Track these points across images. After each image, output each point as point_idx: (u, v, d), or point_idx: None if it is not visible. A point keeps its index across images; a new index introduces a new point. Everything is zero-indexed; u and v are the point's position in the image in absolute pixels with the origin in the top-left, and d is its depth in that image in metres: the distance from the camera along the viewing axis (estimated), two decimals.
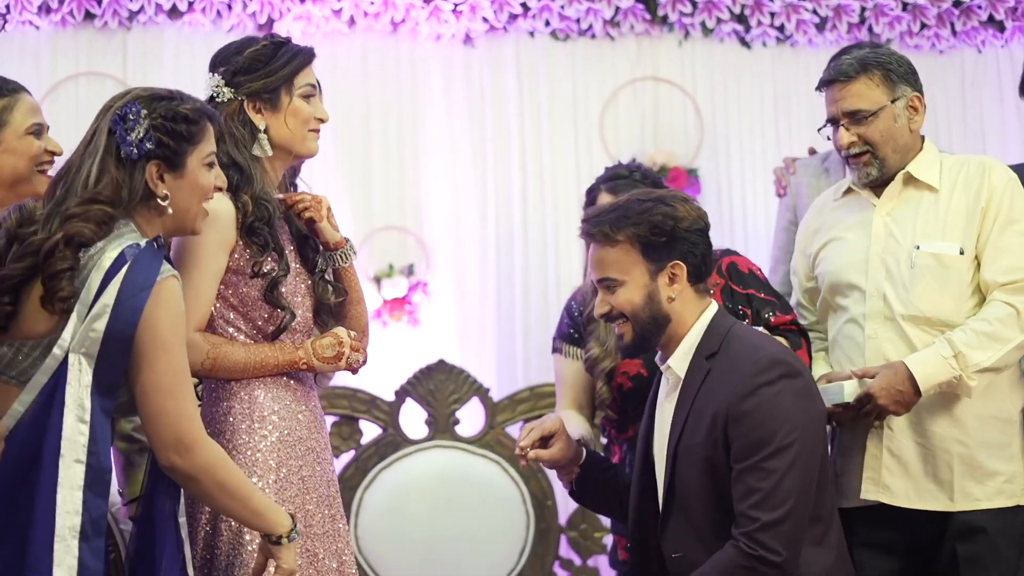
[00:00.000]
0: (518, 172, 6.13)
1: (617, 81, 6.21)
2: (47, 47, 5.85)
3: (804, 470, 3.17)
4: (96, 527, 2.68)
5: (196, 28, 5.90)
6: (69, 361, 2.70)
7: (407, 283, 5.96)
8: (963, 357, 3.48)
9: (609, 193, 3.98)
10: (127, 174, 2.80)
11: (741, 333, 3.33)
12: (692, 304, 3.33)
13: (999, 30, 6.22)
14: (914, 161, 3.67)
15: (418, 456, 5.59)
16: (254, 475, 3.09)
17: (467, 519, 5.53)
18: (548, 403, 5.68)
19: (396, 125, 6.09)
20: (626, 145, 6.18)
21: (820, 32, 6.18)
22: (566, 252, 6.11)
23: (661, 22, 6.17)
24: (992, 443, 3.57)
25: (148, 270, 2.74)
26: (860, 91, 3.63)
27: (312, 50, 3.30)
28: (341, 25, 5.97)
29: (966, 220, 3.59)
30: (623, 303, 3.31)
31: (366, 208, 6.02)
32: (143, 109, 2.82)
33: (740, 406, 3.18)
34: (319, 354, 3.22)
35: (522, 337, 6.06)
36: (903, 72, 3.66)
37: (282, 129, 3.23)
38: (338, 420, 5.59)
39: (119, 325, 2.70)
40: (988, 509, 3.54)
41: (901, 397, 3.50)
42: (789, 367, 3.24)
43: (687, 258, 3.29)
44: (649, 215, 3.28)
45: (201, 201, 2.92)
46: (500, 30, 6.11)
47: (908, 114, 3.65)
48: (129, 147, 2.80)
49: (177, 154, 2.84)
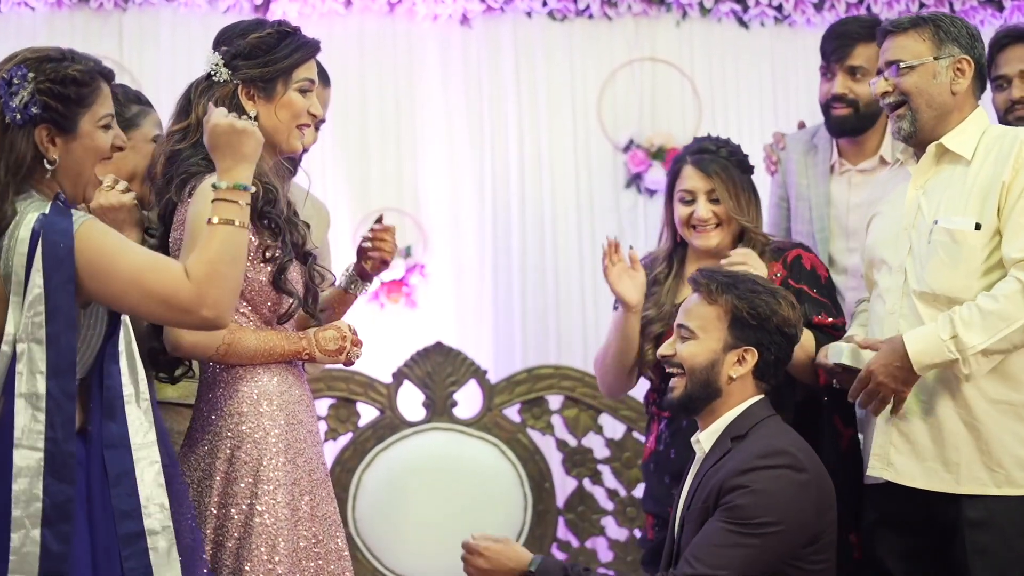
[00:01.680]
0: (515, 153, 6.11)
1: (615, 62, 6.18)
2: (42, 29, 5.81)
3: (759, 560, 3.24)
4: (61, 511, 2.67)
5: (192, 9, 5.86)
6: (17, 351, 2.68)
7: (404, 265, 5.94)
8: (959, 340, 3.44)
9: (695, 167, 4.02)
10: (12, 140, 2.75)
11: (771, 425, 3.43)
12: (745, 392, 3.45)
13: (998, 9, 6.20)
14: (953, 131, 3.65)
15: (416, 438, 5.59)
16: (264, 456, 3.11)
17: (465, 501, 5.53)
18: (546, 385, 5.68)
19: (393, 106, 6.06)
20: (624, 125, 6.16)
21: (818, 12, 6.15)
22: (563, 233, 6.09)
23: (659, 2, 6.14)
24: (1004, 429, 3.53)
25: (61, 235, 2.70)
26: (905, 43, 3.65)
27: (317, 44, 3.29)
28: (338, 6, 5.95)
29: (987, 193, 3.55)
30: (687, 355, 3.44)
31: (363, 190, 6.00)
32: (29, 72, 2.77)
33: (738, 479, 3.28)
34: (321, 346, 3.25)
35: (520, 319, 6.05)
36: (956, 33, 3.65)
37: (271, 119, 3.22)
38: (335, 402, 5.59)
39: (57, 302, 2.68)
40: (999, 497, 3.52)
41: (899, 374, 3.49)
42: (796, 460, 3.32)
43: (762, 350, 3.43)
44: (754, 296, 3.43)
45: (95, 163, 2.88)
46: (497, 10, 6.08)
47: (952, 75, 3.64)
48: (13, 112, 2.75)
49: (66, 117, 2.80)
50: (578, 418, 5.70)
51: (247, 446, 3.11)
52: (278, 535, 3.08)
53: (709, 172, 3.98)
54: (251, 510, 3.08)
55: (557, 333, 6.06)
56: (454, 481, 5.56)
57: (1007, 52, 4.25)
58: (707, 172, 3.98)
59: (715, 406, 3.43)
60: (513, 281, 6.07)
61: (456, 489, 5.55)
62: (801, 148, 4.61)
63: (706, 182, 3.98)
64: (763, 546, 3.23)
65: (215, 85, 3.21)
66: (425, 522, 5.50)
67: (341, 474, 5.49)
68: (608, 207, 6.13)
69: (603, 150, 6.17)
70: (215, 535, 3.10)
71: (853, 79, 4.36)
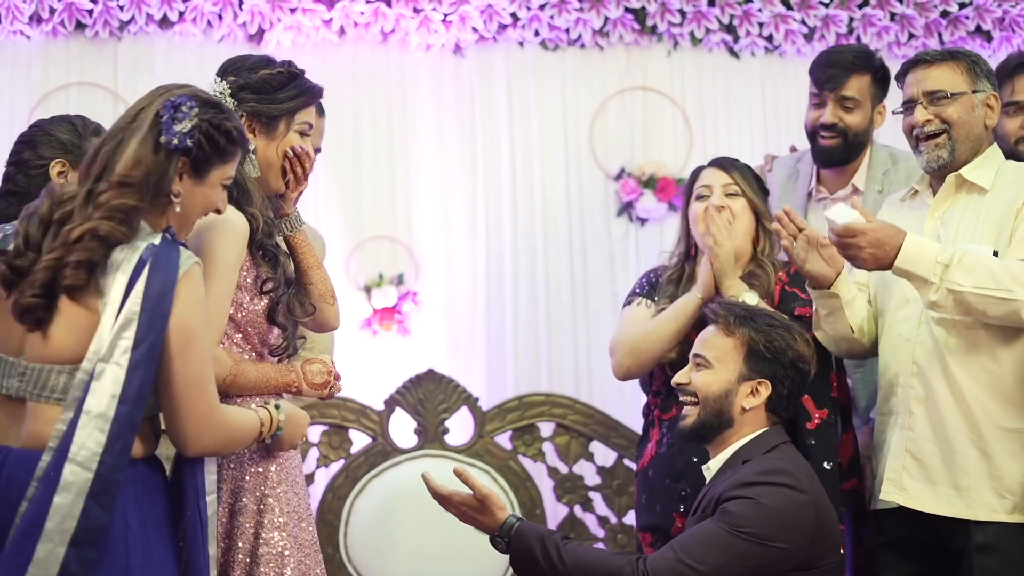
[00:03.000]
0: (508, 181, 6.14)
1: (606, 91, 6.22)
2: (38, 57, 5.85)
3: (739, 566, 3.26)
4: (91, 536, 2.66)
5: (187, 38, 5.90)
6: (96, 370, 2.69)
7: (397, 293, 5.97)
8: (948, 271, 3.47)
9: (714, 166, 4.14)
10: (160, 163, 2.79)
11: (783, 451, 3.46)
12: (757, 424, 3.48)
13: (987, 40, 6.25)
14: (972, 163, 3.70)
15: (407, 465, 5.59)
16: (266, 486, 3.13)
17: (456, 528, 5.44)
18: (537, 412, 5.69)
19: (386, 135, 6.10)
20: (615, 154, 6.20)
21: (808, 42, 6.19)
22: (555, 262, 6.12)
23: (650, 32, 6.18)
24: (1014, 455, 3.57)
25: (167, 269, 2.73)
26: (943, 74, 3.70)
27: (320, 91, 3.35)
28: (331, 35, 5.99)
29: (1002, 221, 3.60)
30: (701, 384, 3.48)
31: (356, 218, 6.03)
32: (196, 107, 2.81)
33: (739, 490, 3.32)
34: (309, 379, 3.29)
35: (511, 347, 6.07)
36: (986, 70, 3.74)
37: (268, 155, 3.26)
38: (328, 429, 5.60)
39: (147, 333, 2.70)
40: (1007, 524, 3.55)
41: (880, 254, 3.53)
42: (798, 481, 3.34)
43: (776, 384, 3.47)
44: (771, 331, 3.48)
45: (201, 215, 2.93)
46: (490, 40, 6.12)
47: (985, 110, 3.69)
48: (172, 136, 2.78)
49: (207, 162, 2.84)
50: (569, 445, 5.71)
51: (249, 478, 3.15)
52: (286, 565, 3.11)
53: (729, 169, 4.09)
54: (256, 540, 3.11)
55: (548, 361, 6.08)
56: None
57: (1021, 80, 4.27)
58: (726, 169, 4.09)
59: (726, 436, 3.47)
60: (505, 309, 6.09)
61: (447, 516, 5.49)
62: (785, 172, 4.66)
63: (724, 177, 4.08)
64: (747, 554, 3.24)
65: None
66: (416, 549, 5.50)
67: (333, 501, 5.50)
68: (600, 235, 6.16)
69: (595, 179, 6.20)
70: (221, 568, 3.12)
71: (844, 109, 4.38)
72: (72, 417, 2.68)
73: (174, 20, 5.87)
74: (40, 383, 2.76)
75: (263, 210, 3.19)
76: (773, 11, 6.15)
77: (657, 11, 6.13)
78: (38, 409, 2.76)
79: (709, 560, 3.24)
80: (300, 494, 3.22)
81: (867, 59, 4.46)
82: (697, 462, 3.71)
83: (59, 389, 2.74)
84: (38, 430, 2.74)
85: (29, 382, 2.77)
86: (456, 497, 3.48)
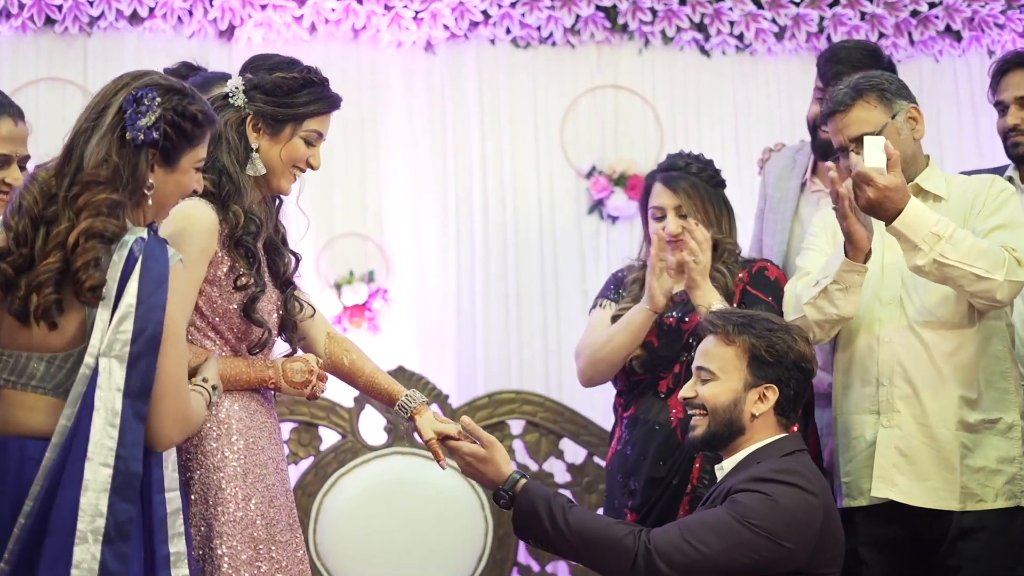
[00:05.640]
0: (479, 179, 6.14)
1: (578, 89, 6.23)
2: (7, 52, 5.82)
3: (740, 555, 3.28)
4: (121, 531, 2.68)
5: (157, 34, 5.88)
6: (100, 366, 2.70)
7: (367, 290, 5.96)
8: (940, 243, 3.54)
9: (664, 184, 4.21)
10: (128, 159, 2.78)
11: (799, 457, 3.48)
12: (768, 429, 3.50)
13: (956, 40, 6.28)
14: (923, 174, 3.82)
15: (377, 463, 5.59)
16: (222, 481, 3.11)
17: (426, 525, 5.53)
18: (507, 410, 5.69)
19: (357, 132, 6.09)
20: (587, 152, 6.20)
21: (779, 41, 6.21)
22: (526, 259, 6.12)
23: (621, 30, 6.19)
24: (994, 444, 3.70)
25: (160, 262, 2.75)
26: (860, 116, 3.78)
27: (338, 102, 3.36)
28: (302, 32, 5.97)
29: (964, 222, 3.73)
30: (708, 396, 3.50)
31: (327, 215, 6.01)
32: (158, 97, 2.80)
33: (751, 484, 3.35)
34: (288, 377, 3.27)
35: (482, 344, 6.07)
36: (896, 88, 3.82)
37: (271, 157, 3.25)
38: (297, 426, 5.59)
39: (146, 324, 2.71)
40: (991, 509, 3.68)
41: (884, 205, 3.57)
42: (811, 485, 3.37)
43: (782, 387, 3.49)
44: (771, 335, 3.50)
45: (178, 201, 2.92)
46: (461, 37, 6.12)
47: (910, 125, 3.79)
48: (137, 132, 2.77)
49: (176, 150, 2.83)
50: (539, 443, 5.72)
51: (203, 471, 3.13)
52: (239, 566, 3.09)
53: (676, 189, 4.16)
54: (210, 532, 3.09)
55: (519, 358, 6.08)
56: (416, 505, 5.56)
57: (1007, 78, 4.30)
58: (674, 189, 4.17)
59: (738, 443, 3.49)
60: (475, 306, 6.09)
61: (417, 513, 5.55)
62: (783, 162, 4.71)
63: (673, 198, 4.17)
64: (750, 544, 3.26)
65: (229, 107, 3.23)
66: (386, 546, 5.50)
67: (303, 498, 5.49)
68: (571, 233, 6.16)
69: (566, 176, 6.20)
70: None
71: None
72: (76, 412, 2.70)
73: (144, 16, 5.85)
74: (17, 370, 2.77)
75: (250, 209, 3.19)
76: (744, 10, 6.16)
77: (628, 9, 6.13)
78: (13, 396, 2.77)
79: (712, 543, 3.27)
80: (263, 492, 3.18)
81: (873, 57, 4.49)
82: (645, 460, 3.83)
83: (37, 377, 2.76)
84: (15, 417, 2.76)
85: (5, 368, 2.78)
86: (464, 447, 3.48)
